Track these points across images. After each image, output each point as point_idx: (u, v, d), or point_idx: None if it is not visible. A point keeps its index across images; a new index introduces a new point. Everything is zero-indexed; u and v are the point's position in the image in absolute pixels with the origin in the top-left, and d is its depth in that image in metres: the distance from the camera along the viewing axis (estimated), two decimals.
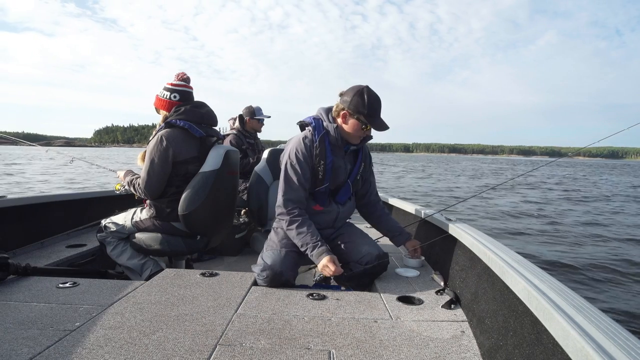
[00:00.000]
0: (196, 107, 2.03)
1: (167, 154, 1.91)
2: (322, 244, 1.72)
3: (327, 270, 1.67)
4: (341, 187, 1.91)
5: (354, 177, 1.94)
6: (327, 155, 1.82)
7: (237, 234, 2.81)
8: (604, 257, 5.17)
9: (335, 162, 1.85)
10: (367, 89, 1.77)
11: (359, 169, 1.95)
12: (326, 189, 1.85)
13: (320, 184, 1.83)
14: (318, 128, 1.84)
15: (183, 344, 1.12)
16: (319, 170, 1.81)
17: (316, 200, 1.87)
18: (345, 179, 1.91)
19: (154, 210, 2.01)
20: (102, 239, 2.10)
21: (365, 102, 1.73)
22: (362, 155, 1.97)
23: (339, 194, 1.92)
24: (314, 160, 1.81)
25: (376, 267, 1.77)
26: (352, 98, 1.75)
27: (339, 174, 1.88)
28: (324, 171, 1.82)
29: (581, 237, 6.57)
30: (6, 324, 1.21)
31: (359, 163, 1.95)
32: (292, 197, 1.78)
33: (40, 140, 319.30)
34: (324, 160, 1.81)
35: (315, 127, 1.85)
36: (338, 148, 1.86)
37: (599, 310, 0.88)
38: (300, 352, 1.10)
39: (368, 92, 1.75)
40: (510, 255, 1.33)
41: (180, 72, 2.10)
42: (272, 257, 1.70)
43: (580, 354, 0.73)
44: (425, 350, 1.14)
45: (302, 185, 1.79)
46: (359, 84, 1.80)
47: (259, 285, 1.68)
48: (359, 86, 1.78)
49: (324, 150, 1.82)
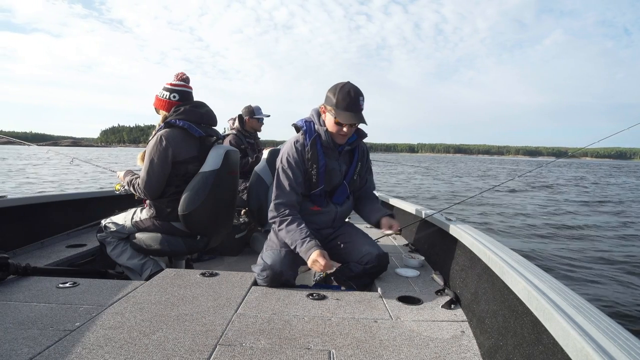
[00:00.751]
0: (195, 107, 2.03)
1: (166, 153, 1.90)
2: (311, 238, 1.68)
3: (317, 266, 1.62)
4: (337, 187, 1.90)
5: (350, 178, 1.92)
6: (320, 158, 1.80)
7: (237, 234, 2.81)
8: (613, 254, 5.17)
9: (328, 164, 1.83)
10: (344, 83, 1.74)
11: (355, 169, 1.92)
12: (321, 191, 1.84)
13: (315, 187, 1.83)
14: (309, 131, 1.82)
15: (183, 344, 1.12)
16: (312, 175, 1.80)
17: (313, 202, 1.87)
18: (341, 180, 1.90)
19: (154, 210, 2.01)
20: (102, 239, 2.10)
21: (335, 95, 1.71)
22: (358, 155, 1.94)
23: (336, 194, 1.90)
24: (306, 164, 1.80)
25: (376, 267, 1.77)
26: (327, 94, 1.75)
27: (333, 176, 1.86)
28: (317, 175, 1.80)
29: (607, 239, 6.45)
30: (6, 324, 1.21)
31: (355, 163, 1.92)
32: (284, 200, 1.78)
33: (48, 140, 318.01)
34: (317, 164, 1.79)
35: (306, 131, 1.83)
36: (331, 150, 1.84)
37: (599, 310, 0.88)
38: (300, 352, 1.10)
39: (342, 86, 1.73)
40: (510, 255, 1.33)
41: (180, 72, 2.10)
42: (272, 257, 1.70)
43: (580, 354, 0.73)
44: (425, 350, 1.14)
45: (294, 189, 1.78)
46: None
47: (259, 285, 1.68)
48: (339, 82, 1.77)
49: (316, 154, 1.80)
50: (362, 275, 1.78)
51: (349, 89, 1.71)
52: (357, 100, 1.72)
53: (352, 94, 1.70)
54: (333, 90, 1.73)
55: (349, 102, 1.69)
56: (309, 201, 1.86)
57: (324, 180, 1.82)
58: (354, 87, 1.73)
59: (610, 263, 4.90)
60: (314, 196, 1.85)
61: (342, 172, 1.90)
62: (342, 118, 1.71)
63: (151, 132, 2.05)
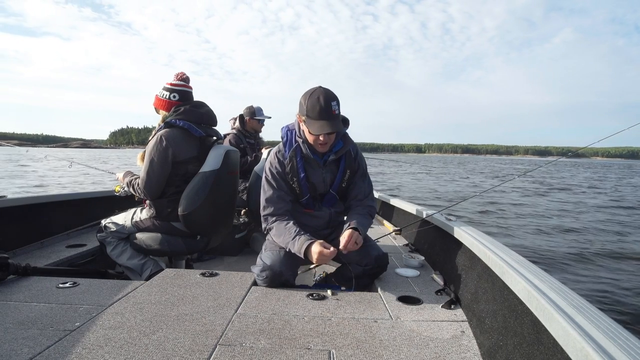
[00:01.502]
0: (195, 107, 2.02)
1: (166, 153, 1.90)
2: (300, 234, 1.63)
3: (323, 259, 1.56)
4: (325, 195, 1.87)
5: (337, 187, 1.84)
6: (299, 172, 1.75)
7: (237, 234, 2.81)
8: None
9: (310, 177, 1.78)
10: (314, 89, 1.64)
11: (341, 179, 1.83)
12: (308, 200, 1.83)
13: (302, 197, 1.82)
14: (289, 142, 1.76)
15: (183, 344, 1.12)
16: (295, 187, 1.78)
17: (305, 206, 1.87)
18: (327, 190, 1.84)
19: (154, 210, 2.00)
20: (102, 239, 2.09)
21: (305, 103, 1.61)
22: (345, 163, 1.82)
23: (324, 200, 1.88)
24: (287, 176, 1.77)
25: (375, 268, 1.76)
26: (300, 100, 1.67)
27: (316, 186, 1.81)
28: (300, 186, 1.78)
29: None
30: (6, 324, 1.21)
31: (342, 172, 1.82)
32: (270, 211, 1.78)
33: (59, 141, 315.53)
34: (297, 177, 1.76)
35: (286, 143, 1.77)
36: (312, 161, 1.77)
37: (599, 310, 0.88)
38: (300, 352, 1.10)
39: (312, 92, 1.62)
40: (510, 255, 1.34)
41: (180, 72, 2.10)
42: (271, 257, 1.69)
43: (580, 354, 0.73)
44: (425, 350, 1.14)
45: (281, 198, 1.78)
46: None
47: (259, 285, 1.68)
48: (310, 88, 1.67)
49: (295, 167, 1.74)
50: (362, 276, 1.77)
51: (318, 95, 1.59)
52: (329, 107, 1.59)
53: (322, 101, 1.58)
54: (304, 98, 1.63)
55: (319, 110, 1.58)
56: (301, 205, 1.86)
57: (307, 190, 1.80)
58: (324, 92, 1.61)
59: (613, 258, 4.91)
60: (305, 201, 1.85)
61: (327, 183, 1.82)
62: (314, 129, 1.60)
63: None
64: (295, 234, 1.66)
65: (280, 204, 1.77)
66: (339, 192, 1.88)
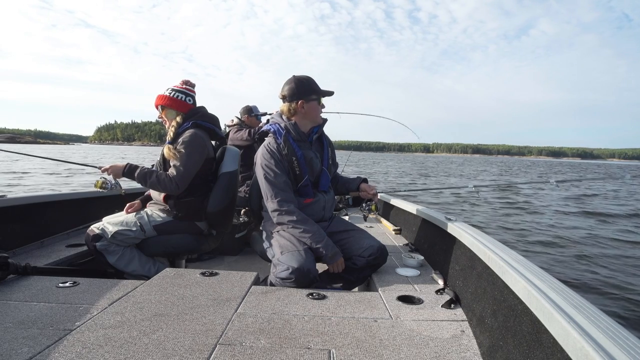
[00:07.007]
0: (206, 111, 2.15)
1: (204, 150, 2.02)
2: (333, 245, 1.83)
3: (336, 268, 1.81)
4: (319, 175, 1.99)
5: (327, 163, 2.04)
6: (296, 150, 1.90)
7: (237, 233, 2.81)
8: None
9: (305, 154, 1.92)
10: (296, 76, 1.93)
11: (328, 154, 2.06)
12: (307, 181, 1.91)
13: (301, 179, 1.89)
14: (278, 131, 1.92)
15: (183, 343, 1.12)
16: (295, 167, 1.88)
17: (303, 195, 1.93)
18: (321, 167, 2.00)
19: (177, 210, 2.01)
20: (102, 248, 1.92)
21: (309, 84, 1.91)
22: (326, 141, 2.08)
23: (320, 183, 1.99)
24: (285, 160, 1.88)
25: (378, 258, 1.84)
26: (296, 89, 1.89)
27: (313, 164, 1.95)
28: (299, 165, 1.88)
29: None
30: (6, 323, 1.21)
31: (326, 148, 2.06)
32: (285, 197, 1.84)
33: (52, 138, 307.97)
34: (295, 156, 1.88)
35: (275, 132, 1.93)
36: (302, 142, 1.95)
37: (599, 310, 0.88)
38: (300, 351, 1.10)
39: (299, 77, 1.92)
40: (510, 255, 1.34)
41: (187, 79, 2.20)
42: (296, 258, 1.68)
43: (580, 354, 0.73)
44: (425, 349, 1.14)
45: (288, 185, 1.86)
46: (287, 80, 1.94)
47: (285, 286, 1.65)
48: (290, 79, 1.92)
49: (291, 147, 1.89)
50: (365, 268, 1.84)
51: (303, 78, 1.92)
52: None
53: (310, 79, 1.94)
54: (294, 86, 1.90)
55: (314, 83, 1.93)
56: (299, 196, 1.93)
57: (306, 170, 1.90)
58: (302, 75, 1.96)
59: (612, 261, 4.90)
60: (302, 189, 1.92)
61: (319, 159, 2.01)
62: (327, 93, 1.94)
63: (147, 130, 2.09)
64: (329, 241, 1.81)
65: (288, 191, 1.86)
66: (329, 170, 2.05)
